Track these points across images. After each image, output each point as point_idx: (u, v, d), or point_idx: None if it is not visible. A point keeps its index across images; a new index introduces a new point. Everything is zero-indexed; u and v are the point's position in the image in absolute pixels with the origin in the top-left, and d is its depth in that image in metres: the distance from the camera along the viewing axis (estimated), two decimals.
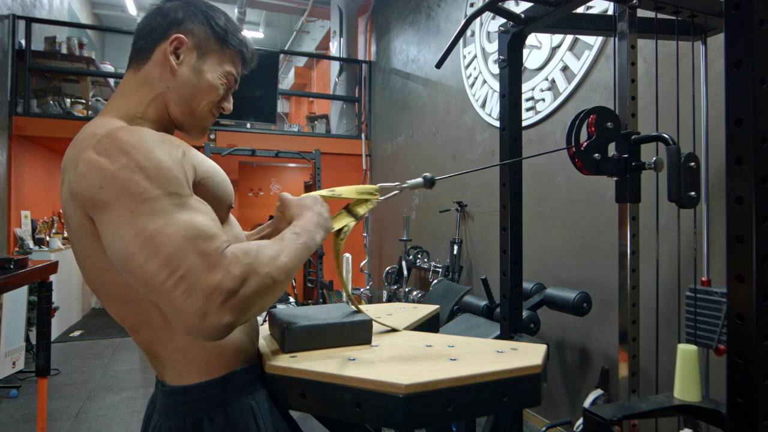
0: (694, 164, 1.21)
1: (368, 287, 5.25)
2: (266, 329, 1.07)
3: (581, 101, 2.59)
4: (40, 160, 5.04)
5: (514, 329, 1.56)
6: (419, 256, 4.21)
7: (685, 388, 0.95)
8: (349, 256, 3.42)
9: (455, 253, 3.59)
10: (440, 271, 3.80)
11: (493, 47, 3.37)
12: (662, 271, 1.99)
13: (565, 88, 2.69)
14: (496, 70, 3.34)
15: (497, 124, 3.20)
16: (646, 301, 1.66)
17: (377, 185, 1.01)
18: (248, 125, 5.36)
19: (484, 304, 2.46)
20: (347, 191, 0.98)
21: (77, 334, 4.93)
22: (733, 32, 0.80)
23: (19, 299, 3.52)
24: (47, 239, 4.85)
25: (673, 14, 1.51)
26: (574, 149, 1.26)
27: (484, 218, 3.45)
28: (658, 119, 1.60)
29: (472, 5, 3.67)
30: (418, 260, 4.19)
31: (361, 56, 6.12)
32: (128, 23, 8.30)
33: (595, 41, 2.51)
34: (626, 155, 1.32)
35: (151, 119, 0.83)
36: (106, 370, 3.81)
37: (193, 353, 0.78)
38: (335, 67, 6.32)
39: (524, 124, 2.87)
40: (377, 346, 0.95)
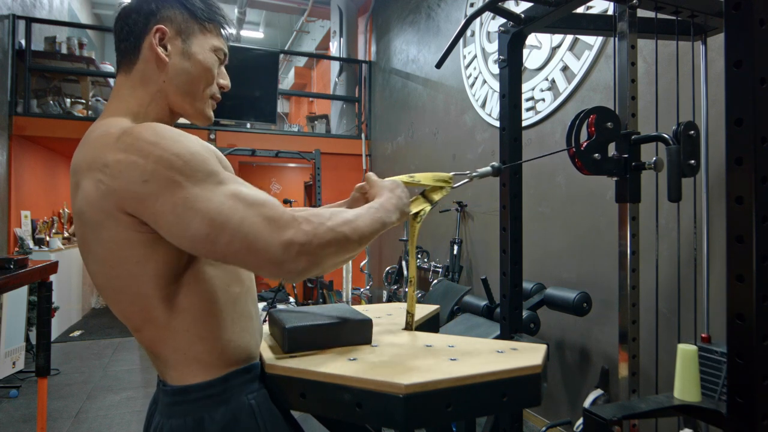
0: (693, 132, 1.22)
1: (368, 287, 5.25)
2: (266, 329, 1.07)
3: (581, 101, 2.59)
4: (40, 160, 5.04)
5: (514, 329, 1.56)
6: (419, 256, 4.21)
7: (685, 388, 0.95)
8: None
9: (455, 253, 3.59)
10: (440, 271, 3.80)
11: (493, 47, 3.37)
12: (662, 271, 1.99)
13: (565, 88, 2.69)
14: (496, 70, 3.34)
15: (497, 124, 3.20)
16: (646, 301, 1.66)
17: (451, 173, 1.08)
18: (248, 125, 5.36)
19: (484, 304, 2.46)
20: (425, 178, 1.05)
21: (77, 334, 4.93)
22: (733, 32, 0.80)
23: (19, 299, 3.52)
24: (47, 239, 4.85)
25: (673, 14, 1.51)
26: (574, 149, 1.26)
27: (484, 218, 3.45)
28: (658, 119, 1.60)
29: (472, 5, 3.67)
30: (418, 260, 4.19)
31: (361, 56, 6.12)
32: None
33: (595, 41, 2.51)
34: (626, 155, 1.32)
35: (153, 118, 0.83)
36: (106, 370, 3.81)
37: (193, 353, 0.79)
38: (335, 67, 6.32)
39: (524, 124, 2.87)
40: (377, 346, 0.95)
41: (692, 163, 1.22)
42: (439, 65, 1.58)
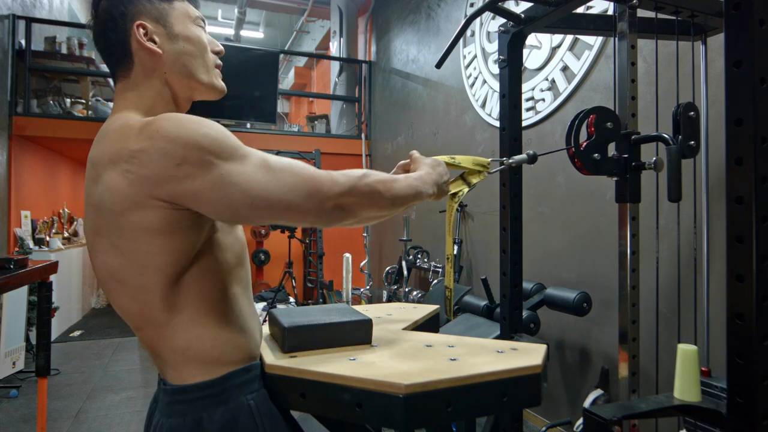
0: (693, 114, 1.22)
1: (368, 287, 5.25)
2: (266, 329, 1.07)
3: (581, 101, 2.59)
4: (40, 160, 5.04)
5: (514, 329, 1.56)
6: (419, 256, 4.21)
7: (685, 388, 0.95)
8: (349, 256, 3.41)
9: (455, 253, 3.59)
10: (440, 271, 3.80)
11: (493, 47, 3.37)
12: (662, 271, 1.99)
13: (565, 88, 2.69)
14: (496, 70, 3.34)
15: (497, 124, 3.20)
16: (646, 301, 1.66)
17: (489, 159, 1.11)
18: (248, 125, 5.36)
19: (484, 304, 2.46)
20: (465, 160, 1.09)
21: (77, 334, 4.93)
22: (733, 32, 0.80)
23: (19, 299, 3.52)
24: (47, 239, 4.84)
25: (673, 14, 1.50)
26: (573, 149, 1.26)
27: (484, 218, 3.45)
28: (658, 119, 1.60)
29: (472, 5, 3.67)
30: (418, 260, 4.19)
31: (361, 56, 6.12)
32: None
33: (595, 41, 2.51)
34: (626, 155, 1.32)
35: (163, 112, 0.84)
36: (106, 370, 3.81)
37: (193, 352, 0.79)
38: (335, 67, 6.32)
39: (524, 124, 2.87)
40: (377, 346, 0.95)
41: (692, 144, 1.23)
42: (439, 65, 1.58)
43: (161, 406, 0.81)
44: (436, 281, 3.69)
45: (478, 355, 0.88)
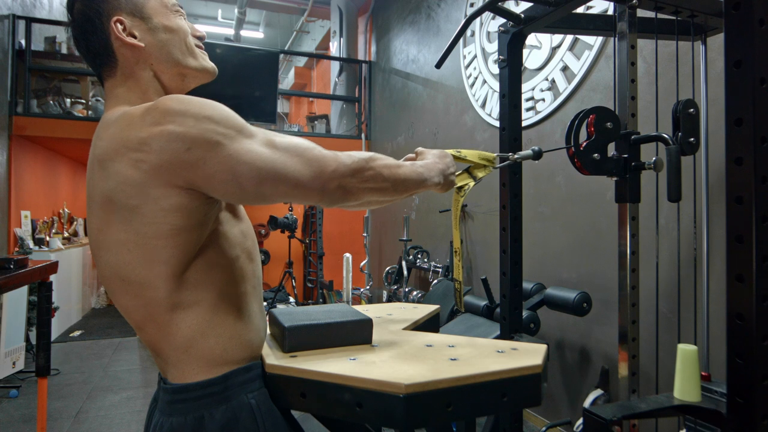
0: (693, 110, 1.22)
1: (368, 287, 5.25)
2: (267, 329, 1.07)
3: (581, 101, 2.59)
4: (40, 160, 5.04)
5: (514, 329, 1.57)
6: (419, 256, 4.21)
7: (685, 388, 0.95)
8: (349, 256, 3.42)
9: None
10: (440, 271, 3.80)
11: (493, 47, 3.37)
12: (662, 271, 1.99)
13: (565, 88, 2.69)
14: (496, 70, 3.34)
15: (497, 124, 3.20)
16: (646, 301, 1.66)
17: (495, 154, 1.13)
18: None
19: (484, 304, 2.46)
20: (471, 154, 1.09)
21: (77, 334, 4.93)
22: (733, 32, 0.80)
23: (19, 299, 3.52)
24: (47, 239, 4.84)
25: (673, 14, 1.50)
26: (573, 149, 1.26)
27: (484, 218, 3.45)
28: (658, 119, 1.60)
29: (472, 5, 3.67)
30: (418, 260, 4.19)
31: (361, 56, 6.12)
32: None
33: (595, 41, 2.51)
34: (626, 155, 1.32)
35: None
36: (106, 370, 3.81)
37: (195, 351, 0.79)
38: (335, 67, 6.32)
39: (524, 124, 2.88)
40: (377, 346, 0.95)
41: (692, 140, 1.23)
42: (439, 65, 1.58)
43: (161, 405, 0.81)
44: (436, 281, 3.69)
45: (478, 355, 0.88)
